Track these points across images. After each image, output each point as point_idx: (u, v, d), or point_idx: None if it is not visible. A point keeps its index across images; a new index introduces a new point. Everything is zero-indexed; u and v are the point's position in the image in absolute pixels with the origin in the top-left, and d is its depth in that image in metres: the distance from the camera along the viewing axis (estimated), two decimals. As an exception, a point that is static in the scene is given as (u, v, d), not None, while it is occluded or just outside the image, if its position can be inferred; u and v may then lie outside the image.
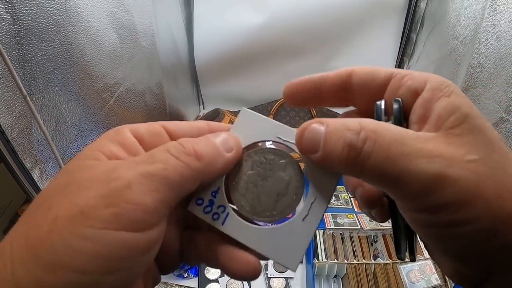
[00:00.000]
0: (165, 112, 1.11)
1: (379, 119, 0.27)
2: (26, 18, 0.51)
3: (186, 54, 1.38)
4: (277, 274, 0.93)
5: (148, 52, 0.94)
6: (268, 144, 0.31)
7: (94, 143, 0.24)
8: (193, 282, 0.92)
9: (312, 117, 1.40)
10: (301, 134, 0.26)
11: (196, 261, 0.30)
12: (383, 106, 0.27)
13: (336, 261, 0.89)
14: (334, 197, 1.09)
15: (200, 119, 1.40)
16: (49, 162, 0.61)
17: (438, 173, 0.21)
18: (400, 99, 0.26)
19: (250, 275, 0.28)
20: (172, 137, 0.28)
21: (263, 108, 1.44)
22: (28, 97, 0.53)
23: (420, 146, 0.22)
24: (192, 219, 0.30)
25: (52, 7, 0.56)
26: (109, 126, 0.77)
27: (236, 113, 1.42)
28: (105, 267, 0.20)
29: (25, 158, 0.57)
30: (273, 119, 1.23)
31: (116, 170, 0.22)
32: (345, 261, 0.89)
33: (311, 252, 0.90)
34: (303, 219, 0.28)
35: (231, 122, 1.29)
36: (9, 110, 0.53)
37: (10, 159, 0.55)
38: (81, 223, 0.20)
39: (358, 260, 0.89)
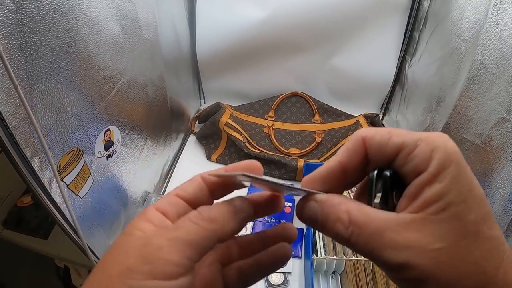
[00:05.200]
0: (166, 105, 1.11)
1: (371, 190, 0.29)
2: (29, 6, 0.51)
3: (188, 48, 1.38)
4: (275, 269, 0.93)
5: (150, 44, 0.93)
6: None
7: (131, 224, 0.32)
8: None
9: (313, 112, 1.41)
10: (300, 211, 0.33)
11: (242, 285, 0.39)
12: (374, 181, 0.29)
13: (334, 257, 0.89)
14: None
15: (201, 113, 1.40)
16: (50, 152, 0.60)
17: (402, 262, 0.26)
18: (389, 174, 0.28)
19: (286, 260, 0.39)
20: (187, 201, 0.34)
21: (264, 103, 1.44)
22: (19, 88, 0.53)
23: (394, 237, 0.26)
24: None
25: (56, -5, 0.56)
26: (110, 117, 0.77)
27: (237, 108, 1.42)
28: None
29: (25, 147, 0.57)
30: (274, 114, 1.25)
31: (149, 239, 0.29)
32: (344, 257, 0.89)
33: (310, 248, 0.90)
34: None
35: (231, 115, 1.29)
36: (10, 99, 0.52)
37: (10, 148, 0.55)
38: (128, 277, 0.27)
39: (357, 257, 0.89)
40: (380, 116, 1.56)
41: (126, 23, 0.79)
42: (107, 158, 0.78)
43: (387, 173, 0.28)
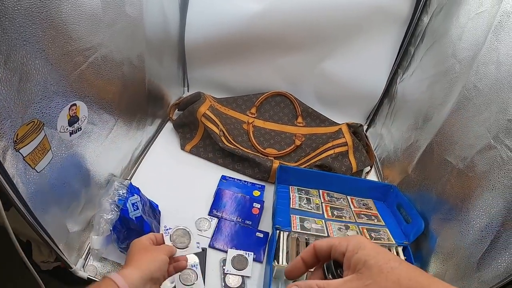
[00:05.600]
0: (144, 87, 1.06)
1: (326, 273, 0.45)
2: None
3: (176, 32, 1.33)
4: (234, 271, 0.89)
5: (132, 21, 0.89)
6: None
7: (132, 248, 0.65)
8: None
9: (297, 114, 1.38)
10: None
11: None
12: (326, 267, 0.45)
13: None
14: (305, 200, 1.06)
15: (181, 101, 1.36)
16: (8, 121, 0.56)
17: None
18: (331, 263, 0.45)
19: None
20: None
21: (247, 99, 1.40)
22: None
23: None
24: None
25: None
26: (78, 91, 0.72)
27: (219, 100, 1.38)
28: None
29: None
30: (257, 111, 1.22)
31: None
32: (307, 269, 0.85)
33: (272, 254, 0.85)
34: None
35: (210, 106, 1.25)
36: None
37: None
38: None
39: (321, 270, 0.85)
40: (365, 127, 1.54)
41: (108, -5, 0.74)
42: (71, 134, 0.73)
43: (330, 262, 0.45)
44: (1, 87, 0.53)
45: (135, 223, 0.86)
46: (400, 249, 0.92)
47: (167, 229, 0.77)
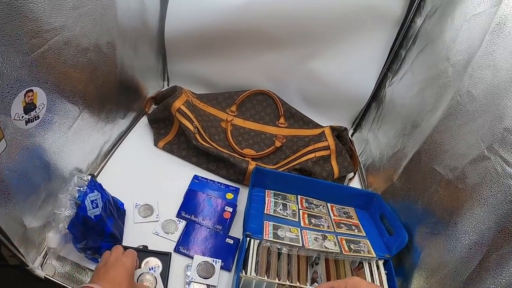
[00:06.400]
0: (114, 77, 0.99)
1: None
2: None
3: (155, 22, 1.27)
4: (199, 279, 0.83)
5: (101, 4, 0.82)
6: None
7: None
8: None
9: (279, 114, 1.31)
10: None
11: None
12: None
13: (265, 278, 0.78)
14: (281, 205, 0.99)
15: (158, 95, 1.30)
16: None
17: None
18: None
19: None
20: None
21: (228, 96, 1.34)
22: None
23: None
24: None
25: None
26: (35, 76, 0.66)
27: (199, 96, 1.31)
28: None
29: None
30: (237, 109, 1.16)
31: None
32: (276, 281, 0.78)
33: (240, 263, 0.79)
34: None
35: (186, 101, 1.18)
36: None
37: None
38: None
39: (292, 282, 0.79)
40: (351, 131, 1.50)
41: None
42: (26, 122, 0.67)
43: None
44: None
45: (93, 222, 0.79)
46: (380, 263, 0.87)
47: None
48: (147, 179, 1.08)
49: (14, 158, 0.66)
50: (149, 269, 0.81)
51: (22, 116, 0.66)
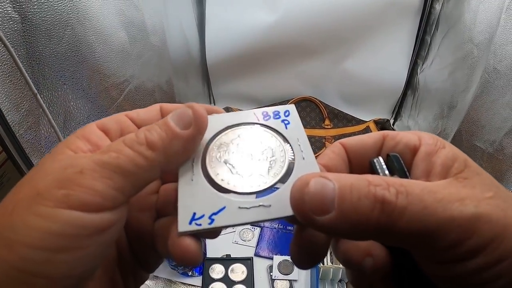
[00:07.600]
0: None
1: (379, 172, 0.27)
2: (34, 17, 0.51)
3: (197, 52, 1.37)
4: (281, 276, 0.92)
5: (158, 50, 0.93)
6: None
7: (64, 141, 0.26)
8: (197, 280, 0.92)
9: (324, 117, 1.40)
10: (302, 190, 0.23)
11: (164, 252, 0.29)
12: (383, 162, 0.27)
13: (341, 266, 0.87)
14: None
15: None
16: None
17: (474, 214, 0.21)
18: (398, 154, 0.26)
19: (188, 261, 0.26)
20: (137, 125, 0.29)
21: (273, 108, 1.43)
22: (38, 95, 0.53)
23: (448, 191, 0.22)
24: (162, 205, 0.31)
25: (61, 6, 0.56)
26: None
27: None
28: (57, 244, 0.22)
29: (32, 155, 0.57)
30: None
31: (74, 159, 0.24)
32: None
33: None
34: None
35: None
36: (17, 108, 0.53)
37: (17, 156, 0.55)
38: (37, 202, 0.22)
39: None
40: (391, 121, 1.54)
41: (133, 30, 0.79)
42: None
43: (396, 154, 0.27)
44: (48, 129, 0.59)
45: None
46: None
47: None
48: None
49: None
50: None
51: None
